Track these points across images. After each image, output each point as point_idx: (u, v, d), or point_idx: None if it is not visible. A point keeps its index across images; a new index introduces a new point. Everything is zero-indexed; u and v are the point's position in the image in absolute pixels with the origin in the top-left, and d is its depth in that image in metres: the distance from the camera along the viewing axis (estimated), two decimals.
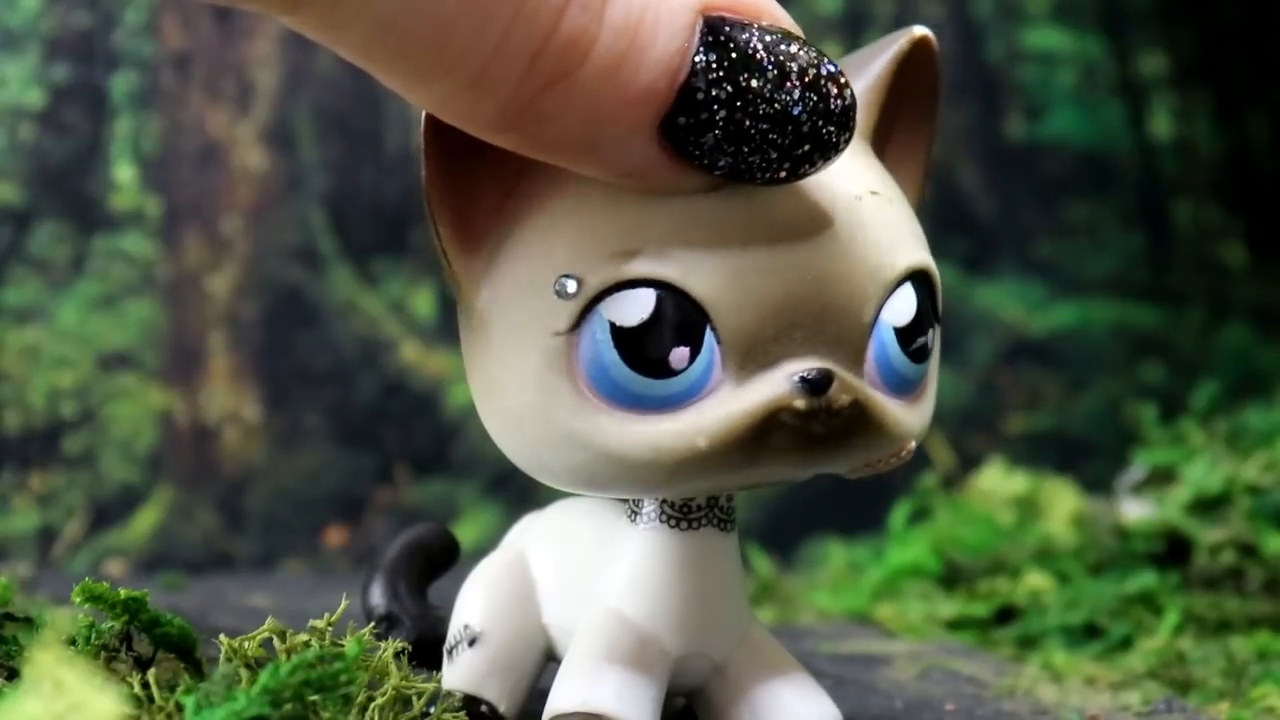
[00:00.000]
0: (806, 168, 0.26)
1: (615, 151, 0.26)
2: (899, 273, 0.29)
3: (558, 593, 0.34)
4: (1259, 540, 0.59)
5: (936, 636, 0.55)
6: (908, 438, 0.30)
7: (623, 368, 0.27)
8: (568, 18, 0.24)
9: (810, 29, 0.27)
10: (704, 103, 0.25)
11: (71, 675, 0.24)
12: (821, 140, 0.26)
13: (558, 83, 0.25)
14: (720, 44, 0.25)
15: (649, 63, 0.25)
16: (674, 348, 0.27)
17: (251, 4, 0.24)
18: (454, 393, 0.79)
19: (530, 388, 0.28)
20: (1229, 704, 0.41)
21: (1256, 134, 0.92)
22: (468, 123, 0.26)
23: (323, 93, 0.79)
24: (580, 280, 0.27)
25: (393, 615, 0.37)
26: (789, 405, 0.27)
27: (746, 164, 0.26)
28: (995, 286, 0.86)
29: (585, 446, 0.28)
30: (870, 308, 0.28)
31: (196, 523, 0.76)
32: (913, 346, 0.29)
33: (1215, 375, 0.81)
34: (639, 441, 0.28)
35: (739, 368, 0.27)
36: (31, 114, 0.76)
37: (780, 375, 0.27)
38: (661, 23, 0.25)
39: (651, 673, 0.31)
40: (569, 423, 0.28)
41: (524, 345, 0.28)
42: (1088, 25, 0.90)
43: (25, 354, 0.74)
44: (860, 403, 0.28)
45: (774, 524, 0.77)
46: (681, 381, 0.27)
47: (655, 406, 0.28)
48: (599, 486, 0.29)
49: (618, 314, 0.27)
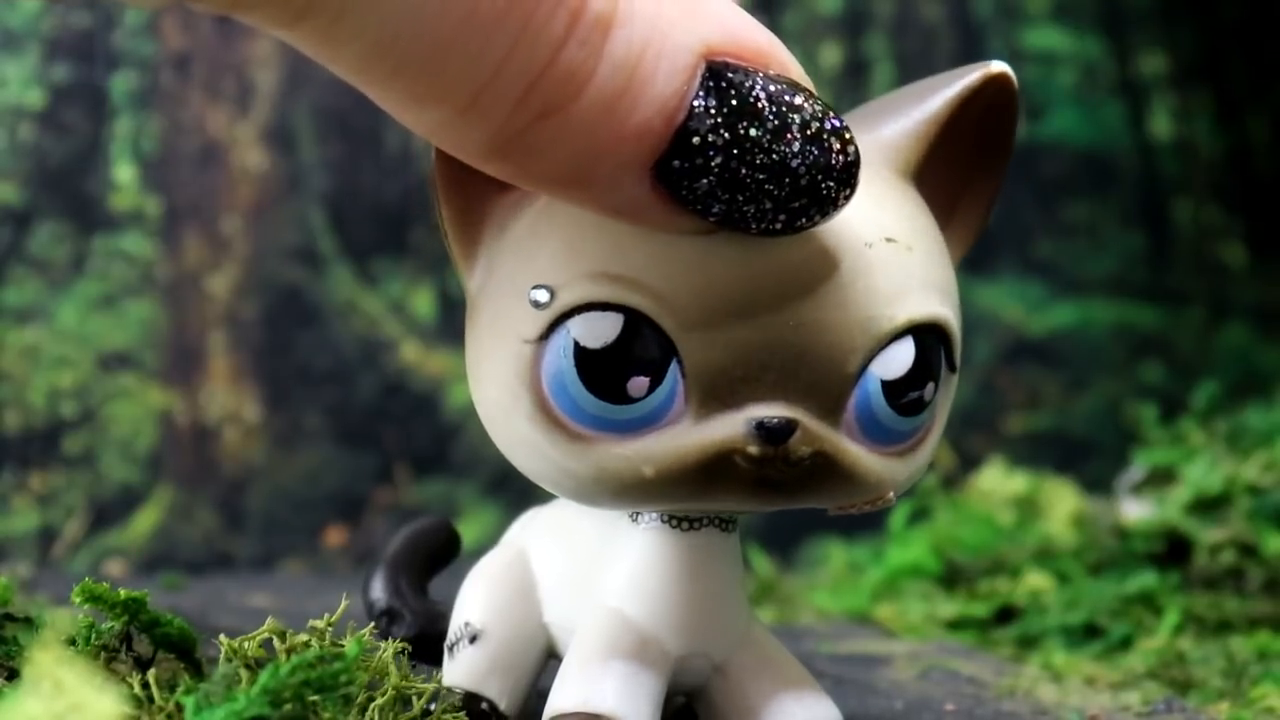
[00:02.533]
0: (803, 221, 0.26)
1: (607, 188, 0.26)
2: (896, 326, 0.28)
3: (559, 591, 0.34)
4: (1259, 540, 0.59)
5: (936, 636, 0.55)
6: (885, 488, 0.29)
7: (580, 387, 0.27)
8: (566, 50, 0.24)
9: (810, 29, 0.27)
10: (700, 147, 0.25)
11: (71, 675, 0.24)
12: (820, 195, 0.26)
13: (551, 115, 0.24)
14: (721, 89, 0.25)
15: (646, 101, 0.25)
16: (633, 376, 0.27)
17: (252, 17, 0.24)
18: (454, 393, 0.79)
19: (500, 387, 0.28)
20: (1229, 704, 0.41)
21: (1256, 134, 0.92)
22: (459, 149, 0.26)
23: (323, 93, 0.79)
24: (553, 292, 0.27)
25: (393, 610, 0.37)
26: (742, 450, 0.27)
27: (740, 213, 0.26)
28: (995, 286, 0.86)
29: (542, 455, 0.28)
30: (856, 358, 0.27)
31: (196, 523, 0.76)
32: (903, 400, 0.28)
33: (1215, 375, 0.81)
34: (587, 460, 0.28)
35: (700, 404, 0.27)
36: (31, 114, 0.76)
37: (740, 418, 0.27)
38: (662, 62, 0.25)
39: (652, 673, 0.31)
40: (527, 429, 0.28)
41: (498, 345, 0.28)
42: (1088, 25, 0.90)
43: (25, 354, 0.74)
44: (824, 454, 0.27)
45: (774, 524, 0.77)
46: (638, 409, 0.27)
47: (608, 429, 0.27)
48: (559, 492, 0.30)
49: (583, 333, 0.27)
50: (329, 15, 0.23)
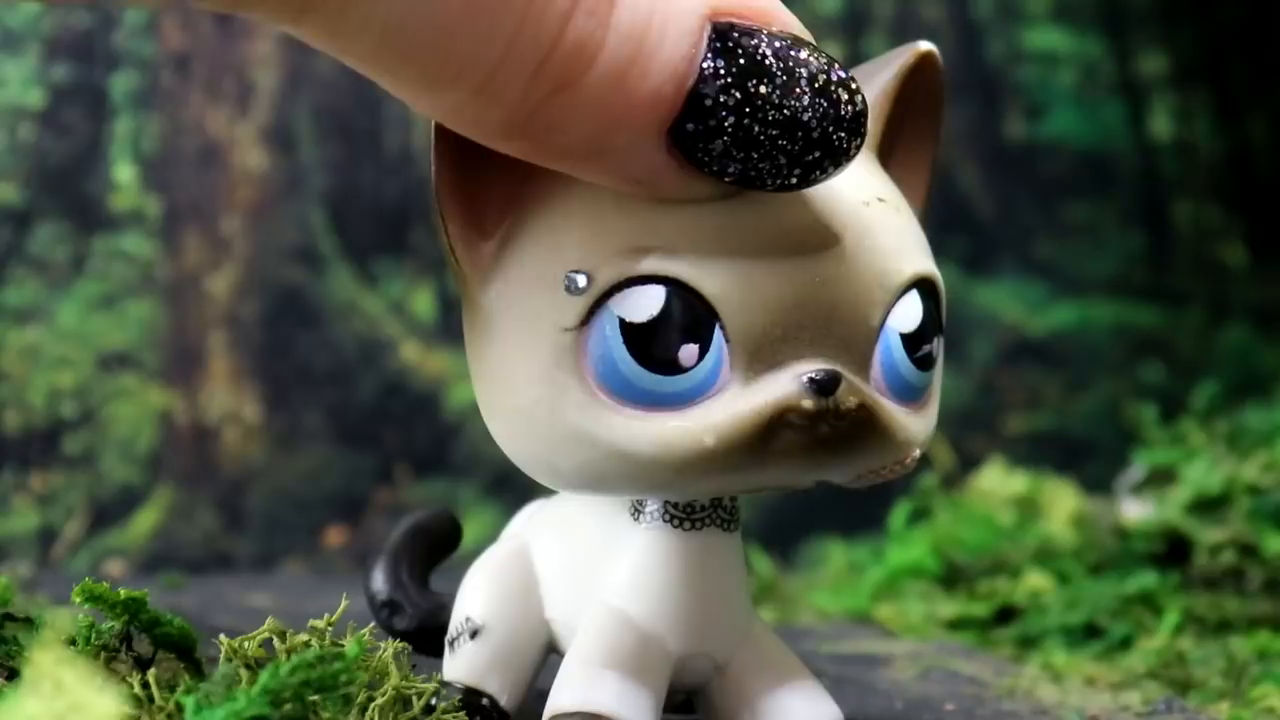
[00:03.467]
0: (817, 174, 0.26)
1: (623, 158, 0.26)
2: (905, 279, 0.29)
3: (561, 587, 0.34)
4: (1259, 540, 0.59)
5: (936, 636, 0.55)
6: (912, 445, 0.30)
7: (632, 364, 0.27)
8: (574, 24, 0.24)
9: (810, 29, 0.27)
10: (712, 109, 0.25)
11: (71, 675, 0.24)
12: (832, 146, 0.26)
13: (564, 89, 0.25)
14: (728, 50, 0.25)
15: (656, 68, 0.25)
16: (683, 344, 0.27)
17: (257, 12, 0.24)
18: (454, 393, 0.79)
19: (538, 384, 0.28)
20: (1229, 704, 0.42)
21: (1256, 134, 0.92)
22: (475, 131, 0.26)
23: (323, 93, 0.79)
24: (590, 275, 0.27)
25: (395, 601, 0.37)
26: (797, 406, 0.27)
27: (756, 170, 0.26)
28: (995, 286, 0.86)
29: (593, 444, 0.28)
30: (877, 312, 0.28)
31: (196, 523, 0.76)
32: (918, 353, 0.29)
33: (1215, 375, 0.81)
34: (646, 438, 0.28)
35: (746, 367, 0.27)
36: (31, 114, 0.76)
37: (788, 376, 0.27)
38: (669, 28, 0.25)
39: (653, 673, 0.31)
40: (577, 419, 0.28)
41: (532, 341, 0.28)
42: (1088, 25, 0.90)
43: (25, 354, 0.74)
44: (867, 406, 0.28)
45: (774, 524, 0.77)
46: (690, 379, 0.27)
47: (663, 403, 0.28)
48: (605, 487, 0.29)
49: (627, 310, 0.27)
50: (334, 7, 0.23)
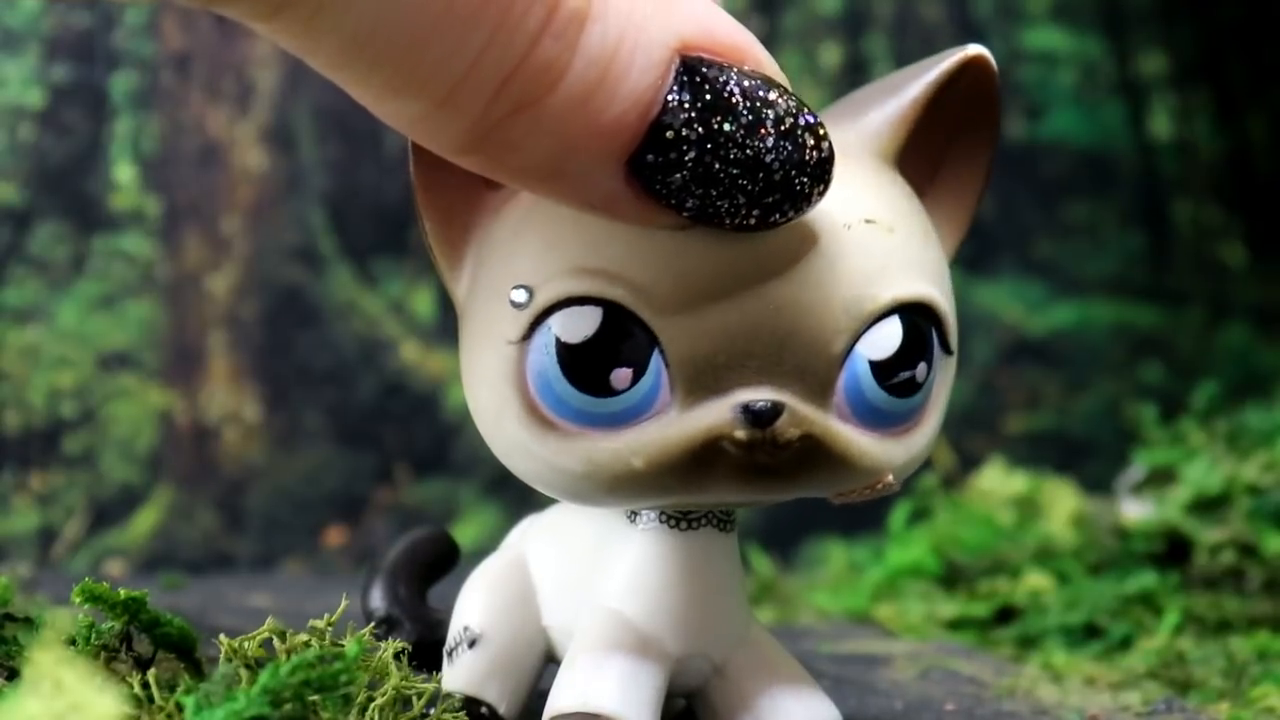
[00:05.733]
0: (777, 216, 0.26)
1: (581, 182, 0.26)
2: (880, 305, 0.28)
3: (558, 595, 0.34)
4: (1259, 540, 0.59)
5: (936, 636, 0.55)
6: (881, 471, 0.29)
7: (565, 383, 0.27)
8: (541, 45, 0.24)
9: (810, 29, 0.27)
10: (673, 142, 0.25)
11: (71, 675, 0.24)
12: (793, 190, 0.26)
13: (526, 109, 0.24)
14: (696, 84, 0.25)
15: (620, 96, 0.25)
16: (616, 368, 0.27)
17: (230, 10, 0.24)
18: (454, 393, 0.79)
19: (490, 392, 0.29)
20: (1229, 704, 0.41)
21: (1256, 134, 0.92)
22: (434, 142, 0.26)
23: (323, 93, 0.79)
24: (532, 291, 0.27)
25: (392, 618, 0.37)
26: (730, 434, 0.27)
27: (714, 207, 0.26)
28: (995, 286, 0.86)
29: (533, 455, 0.28)
30: (842, 340, 0.28)
31: (196, 523, 0.76)
32: (893, 381, 0.28)
33: (1215, 375, 0.81)
34: (576, 456, 0.28)
35: (686, 393, 0.27)
36: (31, 114, 0.76)
37: (727, 404, 0.27)
38: (636, 57, 0.25)
39: (652, 673, 0.31)
40: (517, 431, 0.28)
41: (485, 350, 0.29)
42: (1088, 25, 0.90)
43: (25, 354, 0.74)
44: (814, 436, 0.27)
45: (774, 524, 0.77)
46: (623, 401, 0.27)
47: (596, 424, 0.28)
48: (553, 492, 0.30)
49: (563, 329, 0.27)
50: (308, 8, 0.23)
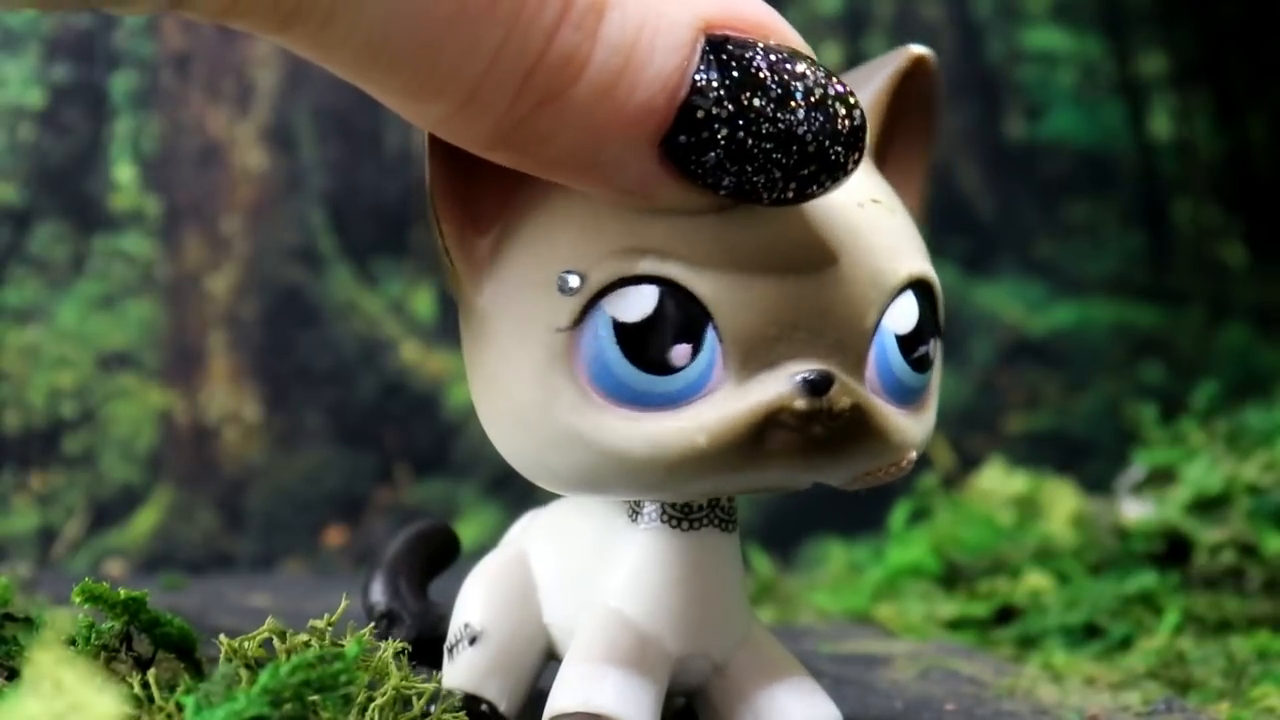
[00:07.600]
0: (814, 188, 0.26)
1: (615, 170, 0.26)
2: (900, 280, 0.29)
3: (559, 592, 0.34)
4: (1259, 540, 0.59)
5: (936, 636, 0.55)
6: (908, 447, 0.30)
7: (624, 364, 0.27)
8: (560, 37, 0.24)
9: (810, 29, 0.27)
10: (705, 121, 0.25)
11: (71, 675, 0.24)
12: (828, 161, 0.26)
13: (552, 101, 0.25)
14: (722, 62, 0.25)
15: (646, 80, 0.25)
16: (675, 344, 0.27)
17: (242, 23, 0.24)
18: (454, 393, 0.79)
19: (532, 385, 0.28)
20: (1229, 704, 0.41)
21: (1256, 134, 0.92)
22: (464, 141, 0.26)
23: (323, 93, 0.79)
24: (583, 276, 0.27)
25: (393, 613, 0.37)
26: (789, 405, 0.27)
27: (751, 184, 0.26)
28: (995, 286, 0.86)
29: (586, 445, 0.28)
30: (872, 313, 0.28)
31: (196, 523, 0.76)
32: (914, 355, 0.29)
33: (1215, 375, 0.81)
34: (639, 439, 0.28)
35: (740, 367, 0.28)
36: (31, 114, 0.76)
37: (781, 375, 0.27)
38: (659, 40, 0.25)
39: (652, 673, 0.31)
40: (570, 420, 0.28)
41: (526, 342, 0.28)
42: (1088, 25, 0.90)
43: (25, 354, 0.74)
44: (861, 406, 0.28)
45: (774, 524, 0.77)
46: (682, 379, 0.27)
47: (656, 404, 0.28)
48: (600, 488, 0.29)
49: (620, 310, 0.27)
50: (318, 19, 0.23)
